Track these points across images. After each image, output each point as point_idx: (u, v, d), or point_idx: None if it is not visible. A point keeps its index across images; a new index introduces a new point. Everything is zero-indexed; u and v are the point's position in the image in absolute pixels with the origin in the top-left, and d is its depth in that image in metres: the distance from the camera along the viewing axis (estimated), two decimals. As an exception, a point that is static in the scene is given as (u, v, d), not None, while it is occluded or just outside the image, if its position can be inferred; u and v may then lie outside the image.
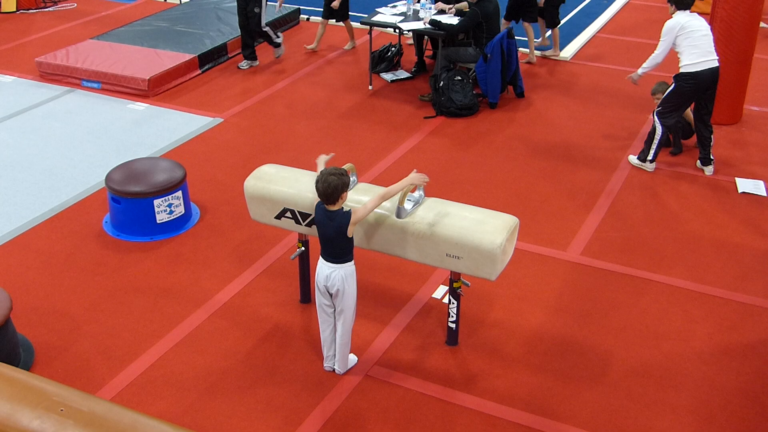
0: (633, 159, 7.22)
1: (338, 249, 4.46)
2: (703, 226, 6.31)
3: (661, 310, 5.36)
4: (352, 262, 4.53)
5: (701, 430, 4.41)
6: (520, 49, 8.90)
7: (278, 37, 9.67)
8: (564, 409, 4.55)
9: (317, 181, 4.34)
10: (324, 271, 4.51)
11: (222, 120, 8.16)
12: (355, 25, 10.09)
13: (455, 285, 4.79)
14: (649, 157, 7.07)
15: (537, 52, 9.72)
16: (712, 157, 7.10)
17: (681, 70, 6.81)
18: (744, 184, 6.89)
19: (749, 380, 4.77)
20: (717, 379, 4.77)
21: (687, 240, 6.14)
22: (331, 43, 10.21)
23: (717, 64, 6.81)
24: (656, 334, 5.15)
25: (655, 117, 7.01)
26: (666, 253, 5.97)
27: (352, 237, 4.46)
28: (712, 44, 6.83)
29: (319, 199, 4.42)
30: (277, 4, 10.13)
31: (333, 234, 4.41)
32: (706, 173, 7.05)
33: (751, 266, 5.83)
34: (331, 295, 4.58)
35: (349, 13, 9.77)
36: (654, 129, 7.02)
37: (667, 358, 4.94)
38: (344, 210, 4.39)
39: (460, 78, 8.23)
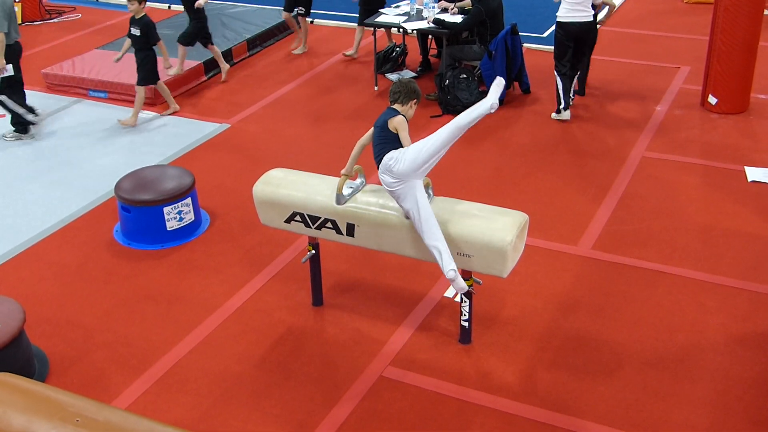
0: (553, 115, 7.89)
1: (380, 144, 4.65)
2: (714, 216, 6.29)
3: (674, 302, 5.34)
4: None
5: (717, 421, 4.40)
6: (524, 45, 8.86)
7: (32, 115, 7.93)
8: (580, 404, 4.54)
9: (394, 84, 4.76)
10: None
11: (229, 126, 8.18)
12: (348, 25, 10.07)
13: (467, 283, 4.79)
14: (561, 106, 7.77)
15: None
16: (573, 96, 8.02)
17: (556, 20, 7.70)
18: (753, 173, 6.86)
19: (764, 370, 4.74)
20: (732, 370, 4.75)
21: (698, 231, 6.12)
22: (334, 47, 10.22)
23: (586, 20, 7.49)
24: (670, 326, 5.13)
25: (554, 70, 7.81)
26: (677, 245, 5.95)
27: (393, 138, 4.64)
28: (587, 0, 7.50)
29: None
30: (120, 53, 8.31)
31: (380, 124, 4.67)
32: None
33: (763, 255, 5.80)
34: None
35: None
36: (556, 82, 7.77)
37: (682, 350, 4.92)
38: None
39: (465, 76, 8.23)
